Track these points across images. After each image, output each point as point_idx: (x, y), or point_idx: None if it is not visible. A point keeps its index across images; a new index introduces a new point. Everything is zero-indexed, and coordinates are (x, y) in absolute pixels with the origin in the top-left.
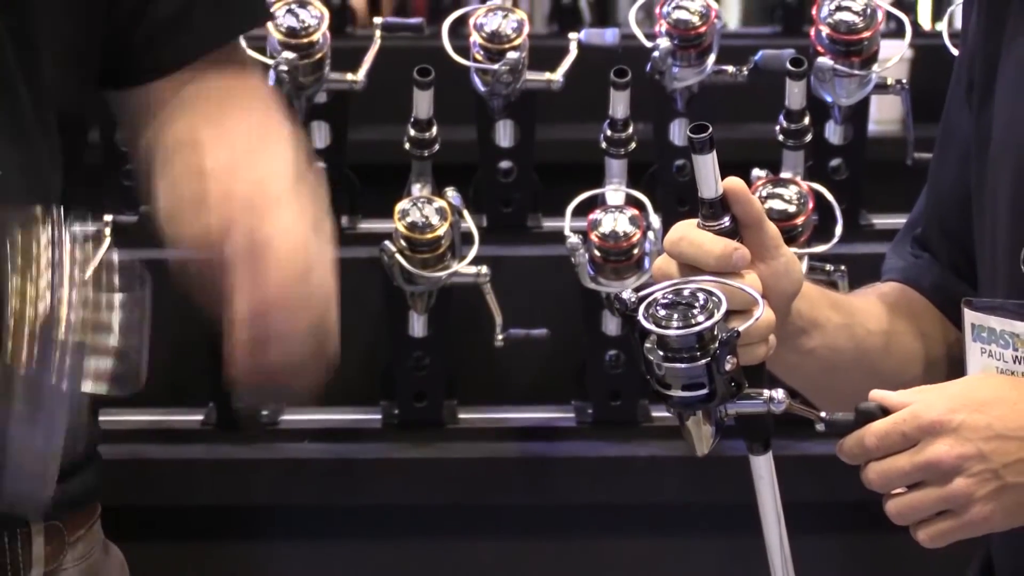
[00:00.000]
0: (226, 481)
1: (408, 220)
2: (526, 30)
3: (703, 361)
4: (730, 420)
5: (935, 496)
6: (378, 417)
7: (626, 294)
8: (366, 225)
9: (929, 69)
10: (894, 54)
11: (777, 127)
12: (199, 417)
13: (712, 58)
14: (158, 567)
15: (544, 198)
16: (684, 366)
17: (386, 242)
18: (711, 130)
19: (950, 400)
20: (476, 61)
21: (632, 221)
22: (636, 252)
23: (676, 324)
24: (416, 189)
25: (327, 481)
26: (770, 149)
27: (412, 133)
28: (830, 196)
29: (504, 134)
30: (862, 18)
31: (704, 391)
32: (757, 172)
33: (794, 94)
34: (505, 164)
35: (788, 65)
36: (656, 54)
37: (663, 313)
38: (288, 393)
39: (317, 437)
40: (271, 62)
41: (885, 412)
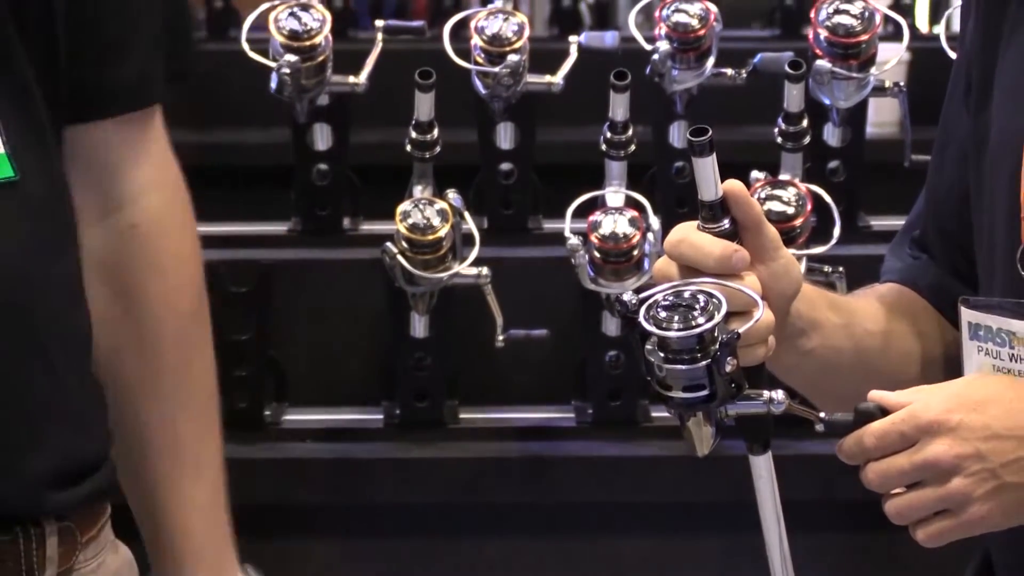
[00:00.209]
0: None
1: (410, 221)
2: (527, 33)
3: (703, 363)
4: (730, 421)
5: (933, 496)
6: (379, 417)
7: (627, 296)
8: (368, 226)
9: (927, 72)
10: (892, 57)
11: (776, 129)
12: None
13: (711, 61)
14: None
15: (544, 200)
16: (685, 368)
17: (388, 243)
18: (711, 133)
19: (948, 400)
20: (477, 64)
21: (632, 223)
22: (636, 253)
23: (677, 326)
24: (417, 191)
25: (329, 480)
26: (769, 151)
27: (413, 135)
28: (828, 198)
29: (505, 136)
30: (860, 21)
31: (704, 392)
32: (756, 174)
33: (793, 96)
34: (506, 166)
35: (787, 68)
36: (656, 57)
37: (664, 315)
38: None
39: (319, 437)
40: (274, 65)
41: (884, 412)
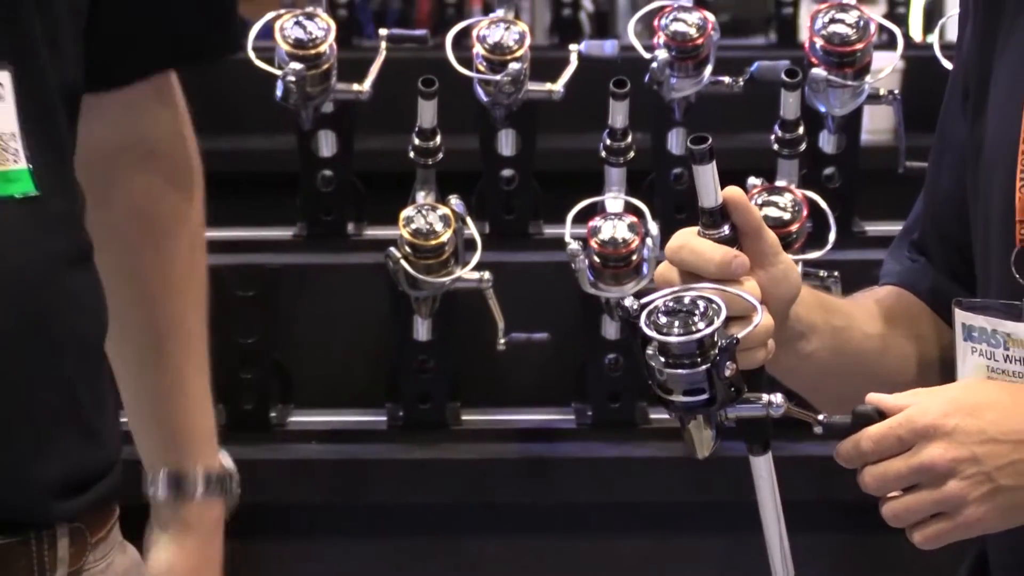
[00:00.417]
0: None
1: (413, 227)
2: (527, 42)
3: (703, 367)
4: (730, 423)
5: (929, 499)
6: (383, 418)
7: (628, 301)
8: (372, 232)
9: (920, 80)
10: (886, 65)
11: (772, 136)
12: None
13: (709, 69)
14: None
15: (545, 205)
16: (685, 372)
17: (391, 248)
18: (711, 141)
19: (945, 405)
20: (479, 72)
21: (631, 228)
22: (635, 258)
23: (677, 331)
24: (420, 197)
25: (334, 480)
26: (765, 158)
27: (416, 142)
28: (824, 204)
29: (506, 143)
30: (855, 30)
31: (704, 396)
32: (753, 180)
33: (789, 104)
34: (507, 172)
35: (783, 76)
36: (654, 65)
37: (664, 320)
38: None
39: (324, 438)
40: (279, 73)
41: (881, 415)
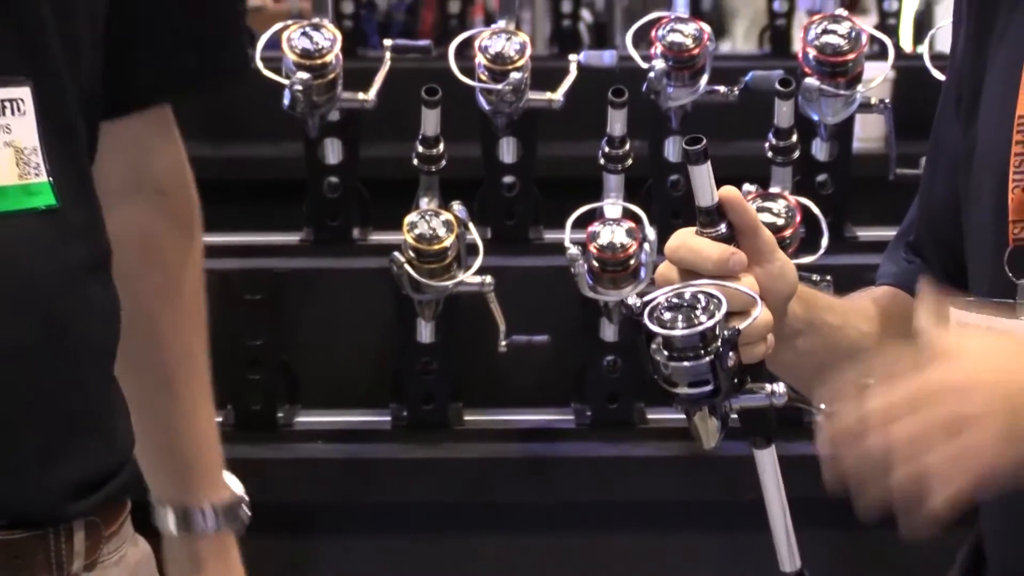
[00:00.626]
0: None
1: (416, 232)
2: (528, 52)
3: (707, 359)
4: (734, 414)
5: (938, 418)
6: (388, 419)
7: (631, 300)
8: (377, 237)
9: (911, 89)
10: (877, 75)
11: (766, 144)
12: (217, 419)
13: (705, 79)
14: None
15: (545, 211)
16: (689, 364)
17: (395, 253)
18: (705, 142)
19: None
20: (481, 81)
21: (629, 233)
22: (633, 263)
23: (680, 325)
24: (424, 203)
25: (339, 479)
26: (760, 165)
27: (420, 149)
28: (816, 210)
29: (507, 150)
30: (847, 41)
31: (709, 387)
32: (747, 187)
33: (782, 113)
34: (508, 179)
35: (777, 85)
36: (652, 75)
37: (667, 316)
38: None
39: (330, 438)
40: (286, 82)
41: None
